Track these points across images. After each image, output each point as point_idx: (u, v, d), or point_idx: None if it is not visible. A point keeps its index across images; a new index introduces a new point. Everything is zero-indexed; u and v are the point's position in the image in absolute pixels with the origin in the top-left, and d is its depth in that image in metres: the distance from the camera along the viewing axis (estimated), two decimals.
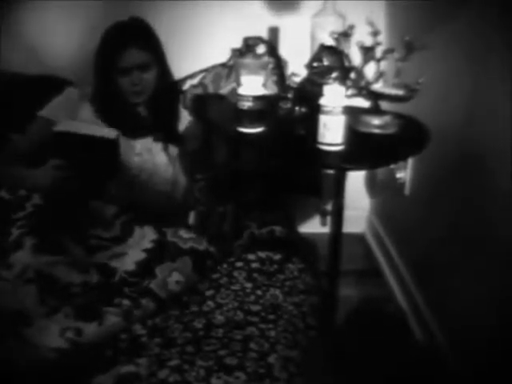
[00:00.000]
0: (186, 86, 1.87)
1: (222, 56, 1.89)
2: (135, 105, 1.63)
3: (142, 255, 1.31)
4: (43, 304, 1.15)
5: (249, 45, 1.83)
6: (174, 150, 1.71)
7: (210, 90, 1.83)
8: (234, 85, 1.79)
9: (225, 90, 1.83)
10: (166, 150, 1.69)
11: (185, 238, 1.38)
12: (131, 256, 1.31)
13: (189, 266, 1.32)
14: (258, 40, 1.84)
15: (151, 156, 1.66)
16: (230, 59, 1.85)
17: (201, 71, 1.90)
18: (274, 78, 1.82)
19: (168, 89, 1.70)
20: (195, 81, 1.88)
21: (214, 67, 1.89)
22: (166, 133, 1.66)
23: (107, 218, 1.38)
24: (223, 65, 1.88)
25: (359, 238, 2.47)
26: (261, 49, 1.82)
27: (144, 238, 1.35)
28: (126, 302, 1.19)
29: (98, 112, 1.61)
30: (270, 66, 1.82)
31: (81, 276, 1.23)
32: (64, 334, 1.09)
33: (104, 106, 1.62)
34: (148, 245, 1.34)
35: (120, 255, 1.31)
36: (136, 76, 1.57)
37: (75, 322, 1.12)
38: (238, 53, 1.83)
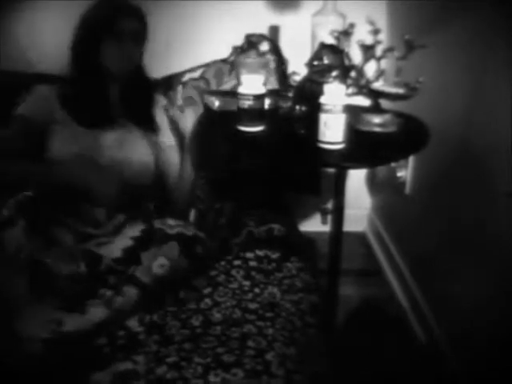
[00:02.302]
0: (185, 78, 1.87)
1: (221, 55, 1.90)
2: (111, 82, 1.54)
3: (129, 242, 1.31)
4: (32, 294, 1.15)
5: (251, 42, 1.83)
6: (155, 138, 1.59)
7: (213, 84, 1.83)
8: (231, 82, 1.80)
9: (227, 85, 1.83)
10: (147, 138, 1.57)
11: (172, 224, 1.37)
12: (118, 243, 1.30)
13: (175, 250, 1.31)
14: (261, 37, 1.83)
15: (122, 148, 1.52)
16: (230, 55, 1.85)
17: (201, 66, 1.90)
18: (277, 75, 1.81)
19: (143, 75, 1.62)
20: (196, 74, 1.88)
21: (214, 62, 1.89)
22: (140, 121, 1.57)
23: (99, 220, 1.39)
24: (224, 60, 1.88)
25: (360, 237, 2.48)
26: (264, 46, 1.82)
27: (133, 229, 1.36)
28: (109, 292, 1.20)
29: (66, 104, 1.50)
30: (273, 63, 1.81)
31: (69, 266, 1.23)
32: (47, 326, 1.10)
33: (77, 90, 1.51)
34: (136, 233, 1.33)
35: (107, 243, 1.31)
36: (128, 44, 1.48)
37: (57, 313, 1.13)
38: (240, 50, 1.83)
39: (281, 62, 1.83)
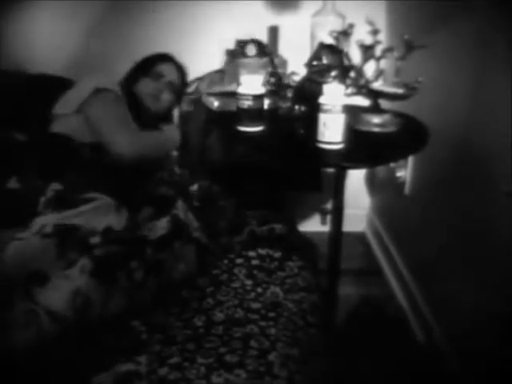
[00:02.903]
0: None
1: (220, 55, 1.91)
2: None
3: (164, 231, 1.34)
4: (61, 257, 1.16)
5: (241, 47, 1.85)
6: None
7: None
8: (224, 89, 1.81)
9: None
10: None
11: (193, 225, 1.39)
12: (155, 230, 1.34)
13: (192, 255, 1.33)
14: (249, 41, 1.85)
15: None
16: (225, 63, 1.87)
17: (196, 79, 1.91)
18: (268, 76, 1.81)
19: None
20: (191, 88, 1.91)
21: (208, 74, 1.91)
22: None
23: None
24: (218, 71, 1.89)
25: (359, 237, 2.48)
26: (251, 50, 1.83)
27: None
28: (139, 274, 1.20)
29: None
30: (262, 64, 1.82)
31: (106, 219, 1.26)
32: (74, 300, 1.10)
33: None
34: (163, 224, 1.35)
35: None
36: (160, 87, 1.71)
37: (88, 280, 1.13)
38: (232, 54, 1.85)
39: (272, 63, 1.84)
